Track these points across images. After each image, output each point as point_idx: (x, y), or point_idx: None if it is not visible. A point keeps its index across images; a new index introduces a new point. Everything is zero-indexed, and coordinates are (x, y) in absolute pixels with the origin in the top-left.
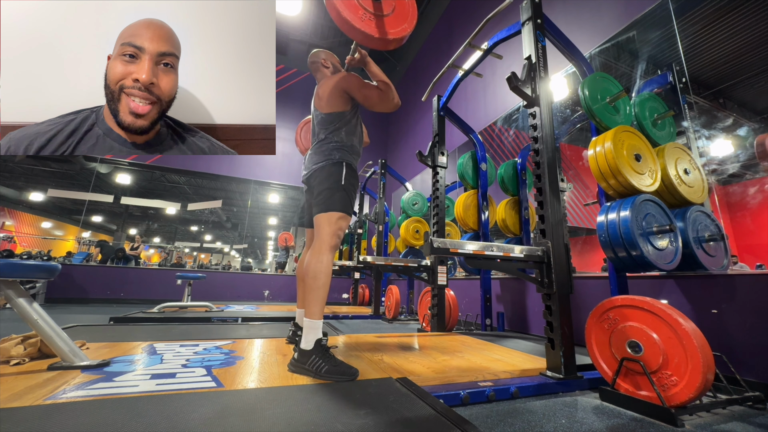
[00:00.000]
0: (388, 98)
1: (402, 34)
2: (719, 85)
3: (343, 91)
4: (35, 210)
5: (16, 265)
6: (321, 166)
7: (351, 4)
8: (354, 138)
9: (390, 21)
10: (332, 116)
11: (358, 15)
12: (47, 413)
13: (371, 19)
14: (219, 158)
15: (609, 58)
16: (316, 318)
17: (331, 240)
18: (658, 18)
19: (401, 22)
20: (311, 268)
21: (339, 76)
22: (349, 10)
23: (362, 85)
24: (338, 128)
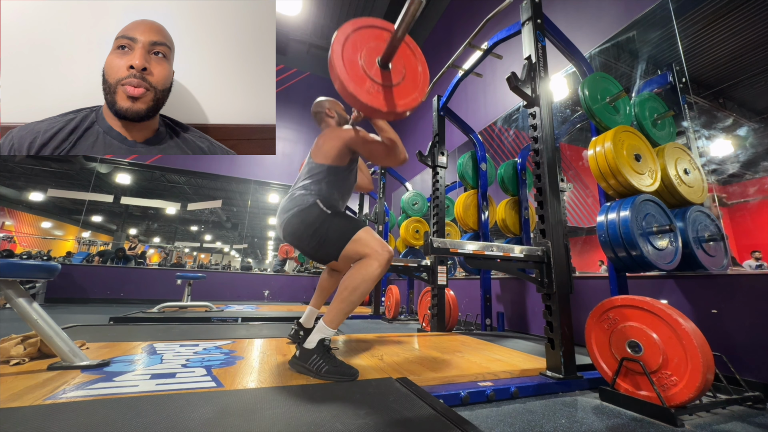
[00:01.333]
0: (395, 154)
1: (412, 105)
2: (719, 85)
3: (345, 146)
4: (35, 210)
5: (16, 265)
6: (292, 213)
7: (357, 76)
8: (335, 192)
9: (399, 91)
10: (323, 168)
11: (364, 88)
12: (47, 413)
13: (379, 91)
14: (219, 158)
15: (609, 58)
16: (333, 327)
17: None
18: (658, 18)
19: (411, 91)
20: (351, 279)
21: (343, 131)
22: (355, 82)
23: (367, 141)
24: (321, 180)
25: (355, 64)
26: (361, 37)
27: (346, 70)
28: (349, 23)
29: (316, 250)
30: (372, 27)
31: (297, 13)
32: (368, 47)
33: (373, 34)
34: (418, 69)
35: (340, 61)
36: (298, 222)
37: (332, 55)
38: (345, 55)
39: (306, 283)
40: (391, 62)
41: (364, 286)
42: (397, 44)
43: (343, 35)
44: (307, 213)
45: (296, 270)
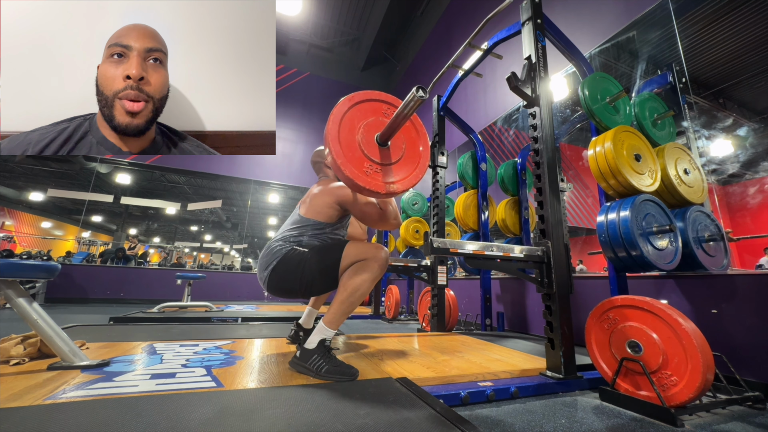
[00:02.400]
0: (388, 218)
1: (411, 184)
2: (719, 85)
3: (338, 204)
4: (35, 210)
5: (15, 264)
6: (272, 268)
7: (354, 157)
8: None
9: (397, 169)
10: (309, 222)
11: (362, 170)
12: (47, 413)
13: (377, 172)
14: (219, 158)
15: (609, 58)
16: (333, 328)
17: (374, 252)
18: (658, 18)
19: (411, 169)
20: (351, 280)
21: (339, 188)
22: (352, 164)
23: (361, 201)
24: (304, 233)
25: (353, 144)
26: (359, 112)
27: (343, 152)
28: (346, 99)
29: (310, 287)
30: (370, 101)
31: (297, 13)
32: (367, 123)
33: (372, 108)
34: (419, 148)
35: (336, 144)
36: (280, 272)
37: (328, 135)
38: (341, 136)
39: None
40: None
41: (364, 287)
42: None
43: (339, 114)
44: (285, 261)
45: None
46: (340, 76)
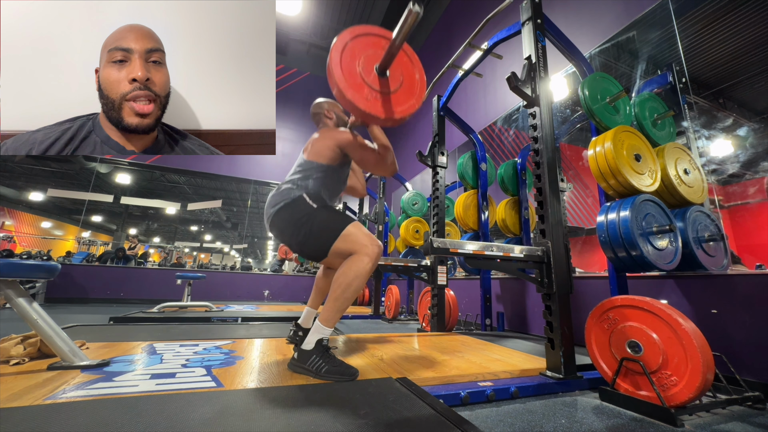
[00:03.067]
0: (385, 163)
1: (409, 111)
2: (719, 85)
3: (338, 147)
4: (35, 210)
5: (15, 264)
6: (279, 207)
7: (355, 83)
8: (324, 190)
9: (397, 97)
10: (312, 165)
11: (363, 95)
12: (47, 413)
13: (377, 98)
14: (219, 158)
15: (609, 58)
16: (329, 326)
17: (365, 248)
18: (658, 18)
19: (409, 98)
20: (343, 276)
21: (339, 132)
22: (353, 90)
23: (361, 146)
24: (310, 176)
25: (354, 71)
26: (360, 44)
27: (345, 77)
28: (347, 31)
29: (303, 244)
30: (370, 35)
31: (297, 13)
32: (366, 55)
33: (371, 42)
34: (416, 76)
35: (338, 69)
36: (284, 216)
37: (330, 62)
38: (343, 63)
39: (306, 283)
40: (389, 70)
41: (357, 283)
42: (395, 53)
43: (341, 43)
44: (293, 206)
45: (296, 270)
46: None
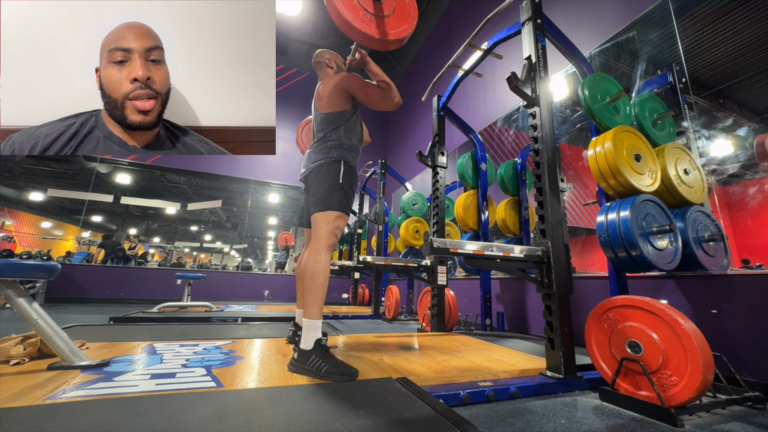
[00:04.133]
0: (390, 96)
1: (402, 35)
2: (719, 85)
3: (344, 90)
4: (35, 210)
5: (15, 264)
6: (319, 164)
7: (351, 5)
8: (353, 137)
9: (390, 22)
10: (332, 115)
11: (358, 16)
12: (47, 413)
13: (372, 20)
14: (219, 158)
15: (609, 58)
16: (315, 318)
17: (328, 239)
18: (658, 18)
19: (402, 22)
20: (309, 267)
21: (340, 75)
22: (349, 11)
23: (363, 84)
24: (338, 126)
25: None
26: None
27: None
28: None
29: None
30: None
31: (297, 13)
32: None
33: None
34: (407, 2)
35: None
36: (320, 173)
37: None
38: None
39: None
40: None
41: (320, 271)
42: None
43: None
44: (330, 169)
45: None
46: None
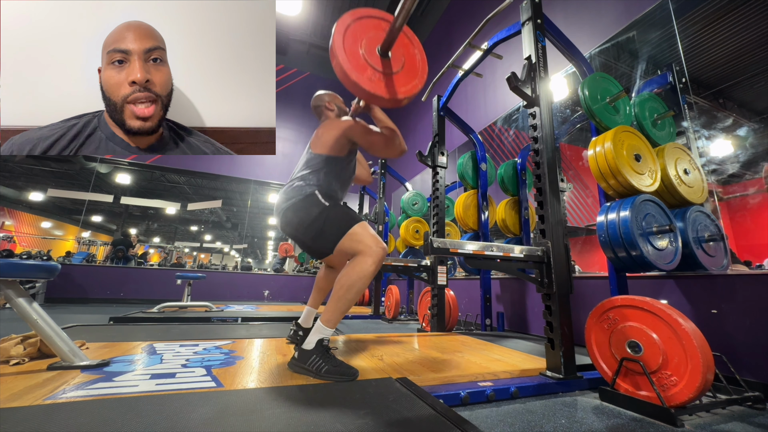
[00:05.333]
0: (394, 144)
1: (413, 91)
2: (719, 85)
3: (345, 137)
4: (35, 210)
5: (15, 264)
6: (290, 203)
7: (359, 65)
8: (335, 182)
9: (400, 78)
10: (321, 158)
11: (366, 76)
12: (47, 413)
13: (380, 79)
14: (219, 158)
15: (609, 58)
16: (330, 326)
17: (371, 247)
18: (658, 18)
19: (411, 78)
20: (346, 277)
21: (343, 122)
22: (357, 71)
23: (367, 131)
24: (320, 170)
25: (356, 53)
26: (361, 27)
27: (348, 58)
28: (349, 14)
29: (313, 241)
30: (371, 17)
31: (297, 13)
32: (368, 37)
33: (373, 24)
34: (417, 57)
35: (341, 51)
36: (296, 213)
37: (334, 44)
38: (346, 45)
39: (306, 283)
40: (391, 51)
41: (360, 284)
42: (396, 34)
43: (343, 25)
44: (305, 204)
45: (296, 270)
46: None
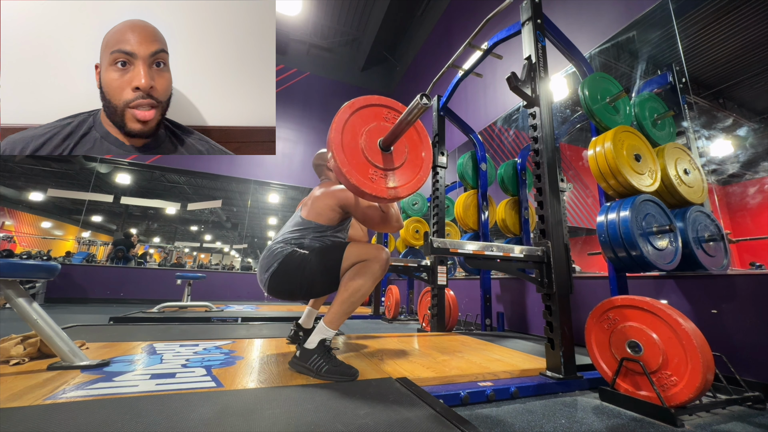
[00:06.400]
0: (390, 220)
1: (415, 188)
2: (719, 85)
3: (340, 207)
4: (35, 210)
5: (15, 264)
6: (272, 270)
7: (359, 163)
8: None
9: (401, 174)
10: (311, 224)
11: (367, 176)
12: (47, 413)
13: (381, 177)
14: (219, 158)
15: (609, 58)
16: (333, 327)
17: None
18: (658, 18)
19: (414, 174)
20: (352, 280)
21: (341, 191)
22: (357, 172)
23: (364, 204)
24: (306, 235)
25: (356, 150)
26: (361, 118)
27: (347, 159)
28: (347, 106)
29: (310, 289)
30: (371, 106)
31: (297, 13)
32: (368, 129)
33: (373, 113)
34: (422, 154)
35: (340, 152)
36: (281, 276)
37: (332, 144)
38: (345, 143)
39: None
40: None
41: (365, 288)
42: (400, 134)
43: (341, 121)
44: (287, 263)
45: None
46: (340, 76)
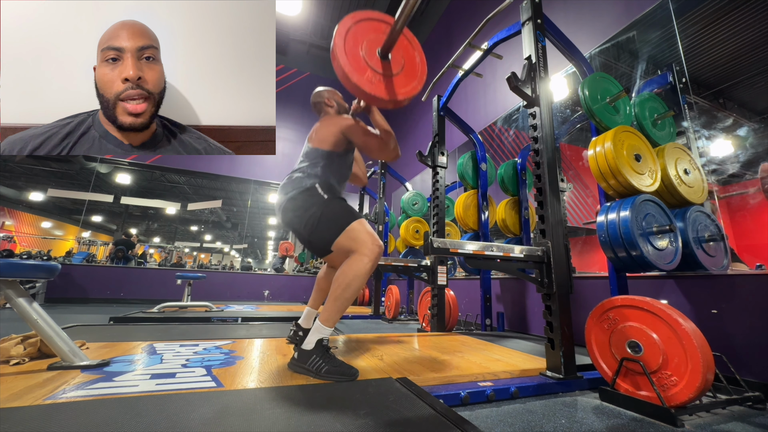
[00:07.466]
0: (388, 148)
1: (412, 93)
2: (719, 85)
3: (341, 133)
4: (35, 210)
5: (16, 264)
6: (291, 196)
7: (359, 67)
8: (332, 177)
9: (399, 80)
10: (318, 152)
11: (366, 77)
12: (47, 413)
13: (380, 81)
14: (219, 158)
15: (609, 58)
16: (329, 326)
17: (366, 247)
18: (658, 18)
19: (411, 80)
20: (343, 276)
21: (342, 119)
22: (358, 73)
23: (364, 132)
24: (318, 164)
25: (357, 55)
26: (362, 29)
27: (349, 60)
28: (350, 16)
29: (311, 233)
30: (372, 20)
31: (297, 13)
32: (368, 39)
33: (373, 27)
34: (416, 59)
35: (342, 53)
36: (296, 204)
37: (335, 47)
38: (347, 47)
39: (306, 283)
40: (391, 53)
41: (357, 282)
42: (396, 36)
43: (344, 28)
44: (305, 196)
45: (296, 270)
46: None
